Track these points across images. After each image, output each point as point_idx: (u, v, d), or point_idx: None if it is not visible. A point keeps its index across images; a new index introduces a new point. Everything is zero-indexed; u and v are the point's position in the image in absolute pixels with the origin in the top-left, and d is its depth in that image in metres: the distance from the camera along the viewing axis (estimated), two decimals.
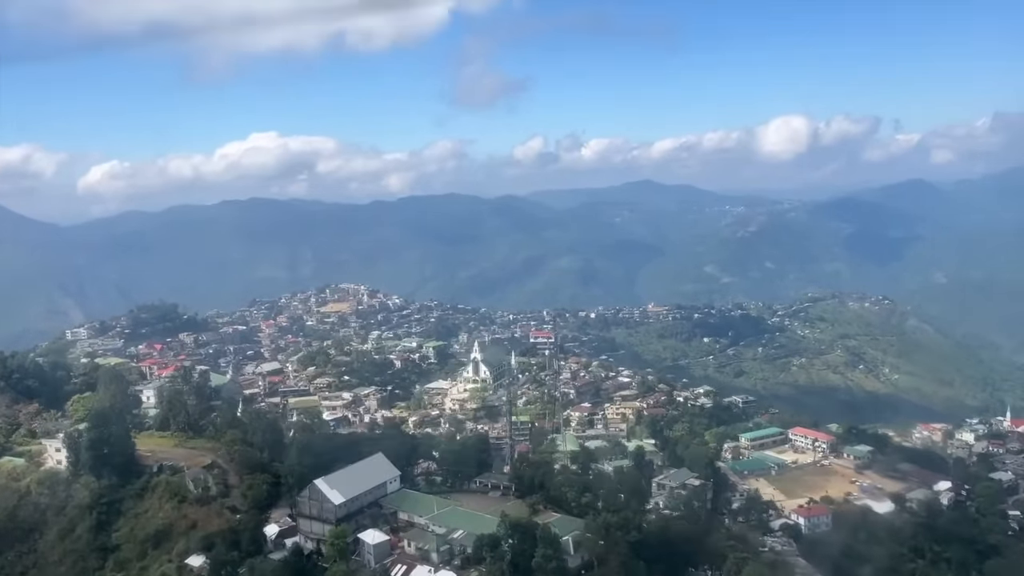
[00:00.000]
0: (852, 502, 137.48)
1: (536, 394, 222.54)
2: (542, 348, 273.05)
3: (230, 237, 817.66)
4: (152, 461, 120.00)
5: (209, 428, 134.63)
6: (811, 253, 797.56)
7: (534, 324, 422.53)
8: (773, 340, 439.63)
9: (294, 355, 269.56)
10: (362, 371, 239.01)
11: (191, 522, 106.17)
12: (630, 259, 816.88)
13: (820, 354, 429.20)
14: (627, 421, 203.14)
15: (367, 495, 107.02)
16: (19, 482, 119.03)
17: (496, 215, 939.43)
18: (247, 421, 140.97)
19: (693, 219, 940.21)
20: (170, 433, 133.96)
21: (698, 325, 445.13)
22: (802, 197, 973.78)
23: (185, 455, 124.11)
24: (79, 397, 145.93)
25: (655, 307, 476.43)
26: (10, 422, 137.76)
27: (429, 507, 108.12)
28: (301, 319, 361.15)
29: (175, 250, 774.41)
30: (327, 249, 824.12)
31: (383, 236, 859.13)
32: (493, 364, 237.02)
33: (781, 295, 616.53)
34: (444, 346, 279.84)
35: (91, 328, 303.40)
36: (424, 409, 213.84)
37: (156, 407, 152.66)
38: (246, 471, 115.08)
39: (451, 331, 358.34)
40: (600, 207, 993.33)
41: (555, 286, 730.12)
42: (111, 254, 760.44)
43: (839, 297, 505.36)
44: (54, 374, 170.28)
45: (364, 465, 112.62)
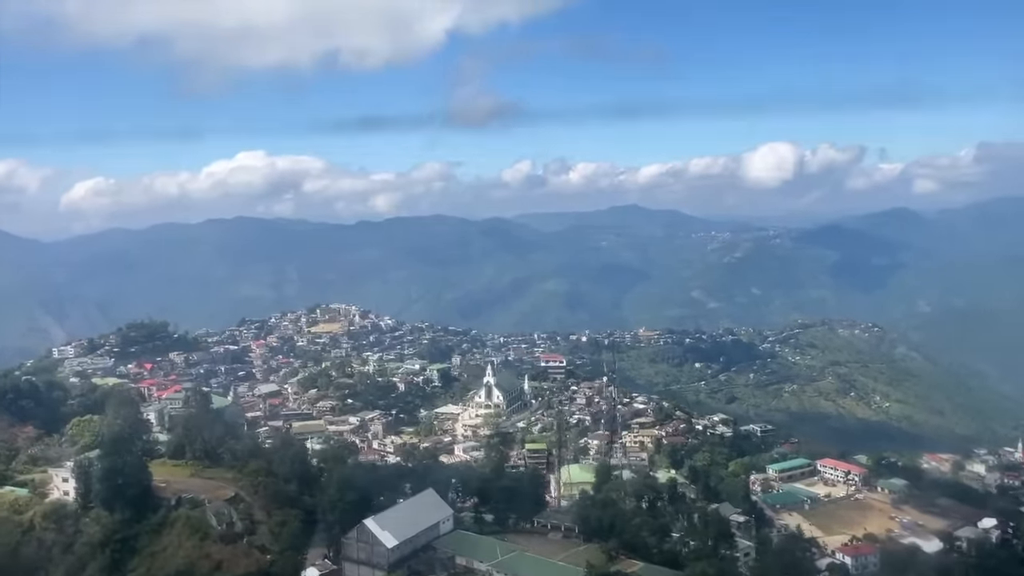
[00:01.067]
0: (897, 540, 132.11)
1: (550, 420, 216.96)
2: (554, 372, 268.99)
3: (214, 256, 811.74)
4: (168, 493, 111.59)
5: (227, 456, 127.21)
6: (796, 280, 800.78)
7: (525, 347, 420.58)
8: (764, 366, 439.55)
9: (291, 377, 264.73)
10: (365, 394, 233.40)
11: (215, 562, 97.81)
12: (616, 283, 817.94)
13: (811, 381, 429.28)
14: (646, 450, 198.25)
15: (420, 537, 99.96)
16: (22, 515, 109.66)
17: (483, 237, 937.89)
18: (271, 450, 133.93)
19: (679, 244, 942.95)
20: (184, 461, 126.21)
21: (689, 350, 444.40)
22: (787, 224, 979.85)
23: (203, 486, 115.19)
24: (79, 420, 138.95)
25: (646, 331, 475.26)
26: (8, 447, 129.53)
27: (490, 552, 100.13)
28: (292, 339, 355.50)
29: (158, 268, 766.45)
30: (312, 269, 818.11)
31: (369, 256, 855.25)
32: (506, 388, 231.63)
33: (767, 321, 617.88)
34: (447, 369, 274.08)
35: (79, 346, 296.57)
36: (435, 435, 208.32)
37: (159, 431, 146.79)
38: (274, 506, 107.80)
39: (444, 353, 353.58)
40: (586, 231, 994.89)
41: (541, 309, 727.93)
42: (93, 271, 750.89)
43: (829, 324, 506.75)
44: (50, 394, 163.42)
45: (415, 503, 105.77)
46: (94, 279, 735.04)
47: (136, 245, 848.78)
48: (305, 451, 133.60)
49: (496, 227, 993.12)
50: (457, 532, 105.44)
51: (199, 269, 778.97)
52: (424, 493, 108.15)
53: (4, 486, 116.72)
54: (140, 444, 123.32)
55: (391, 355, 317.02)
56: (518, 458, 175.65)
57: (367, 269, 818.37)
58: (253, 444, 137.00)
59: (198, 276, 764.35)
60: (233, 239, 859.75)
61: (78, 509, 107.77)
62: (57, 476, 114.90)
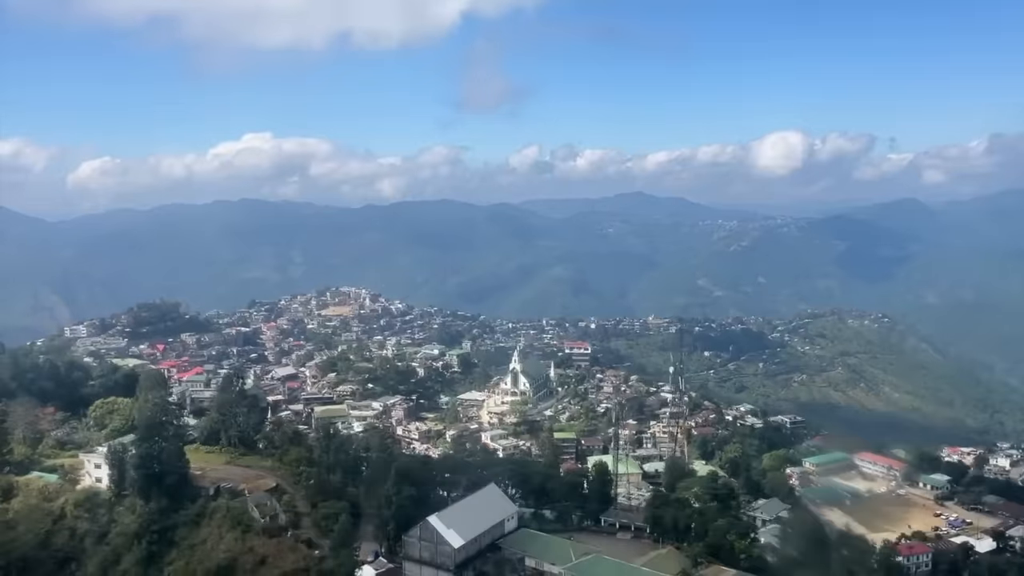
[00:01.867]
0: (947, 539, 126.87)
1: (578, 409, 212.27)
2: (578, 359, 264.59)
3: (220, 237, 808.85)
4: (205, 481, 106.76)
5: (264, 444, 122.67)
6: (803, 269, 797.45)
7: (534, 332, 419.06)
8: (774, 356, 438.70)
9: (307, 360, 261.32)
10: (386, 379, 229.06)
11: (259, 557, 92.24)
12: (622, 270, 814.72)
13: (821, 371, 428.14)
14: (675, 440, 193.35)
15: (485, 536, 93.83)
16: (52, 503, 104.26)
17: (489, 222, 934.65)
18: (313, 438, 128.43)
19: (686, 232, 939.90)
20: (219, 448, 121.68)
21: (698, 338, 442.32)
22: (794, 213, 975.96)
23: (242, 475, 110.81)
24: (102, 402, 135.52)
25: (655, 319, 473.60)
26: (33, 430, 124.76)
27: (563, 553, 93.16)
28: (302, 322, 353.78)
29: (164, 249, 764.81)
30: (317, 252, 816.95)
31: (374, 240, 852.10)
32: (532, 375, 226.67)
33: (773, 310, 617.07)
34: (467, 354, 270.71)
35: (91, 326, 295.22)
36: (460, 422, 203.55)
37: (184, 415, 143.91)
38: (318, 497, 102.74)
39: (455, 338, 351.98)
40: (593, 217, 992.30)
41: (547, 295, 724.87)
42: (99, 251, 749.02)
43: (838, 314, 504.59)
44: (69, 375, 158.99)
45: (478, 499, 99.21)
46: (100, 259, 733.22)
47: (142, 225, 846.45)
48: (349, 440, 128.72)
49: (503, 213, 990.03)
50: (523, 531, 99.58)
51: (205, 250, 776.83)
52: (487, 488, 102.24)
53: (32, 471, 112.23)
54: (172, 429, 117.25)
55: (407, 340, 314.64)
56: (541, 446, 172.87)
57: (372, 253, 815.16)
58: (292, 431, 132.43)
59: (204, 257, 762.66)
60: (239, 221, 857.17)
61: (112, 497, 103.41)
62: (89, 462, 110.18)
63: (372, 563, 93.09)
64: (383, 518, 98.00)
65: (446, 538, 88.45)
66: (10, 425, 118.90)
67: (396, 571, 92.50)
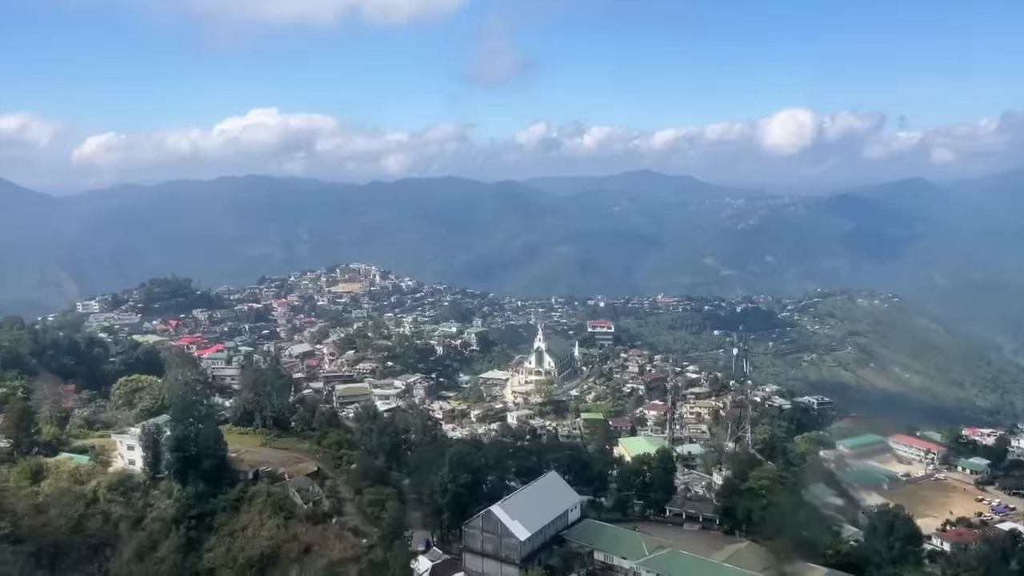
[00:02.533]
0: (993, 525, 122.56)
1: (603, 389, 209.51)
2: (601, 339, 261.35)
3: (226, 213, 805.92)
4: (244, 465, 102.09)
5: (300, 425, 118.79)
6: (811, 249, 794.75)
7: (543, 311, 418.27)
8: (783, 335, 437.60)
9: (322, 337, 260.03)
10: (405, 357, 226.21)
11: (303, 545, 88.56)
12: (629, 249, 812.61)
13: (831, 350, 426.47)
14: (703, 421, 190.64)
15: (550, 527, 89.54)
16: (84, 485, 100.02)
17: (495, 200, 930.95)
18: (353, 419, 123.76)
19: (693, 210, 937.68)
20: (252, 429, 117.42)
21: (708, 317, 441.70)
22: (801, 192, 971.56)
23: (279, 458, 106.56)
24: (126, 380, 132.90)
25: (664, 297, 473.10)
26: (59, 409, 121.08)
27: (634, 547, 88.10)
28: (312, 298, 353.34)
29: (170, 225, 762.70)
30: (323, 229, 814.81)
31: (380, 217, 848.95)
32: (556, 354, 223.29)
33: (781, 289, 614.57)
34: (485, 332, 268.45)
35: (103, 301, 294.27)
36: (484, 401, 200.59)
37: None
38: (363, 482, 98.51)
39: (465, 315, 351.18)
40: (599, 195, 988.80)
41: (553, 273, 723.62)
42: (105, 227, 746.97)
43: (848, 293, 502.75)
44: (90, 352, 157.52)
45: (540, 488, 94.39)
46: (106, 234, 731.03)
47: (148, 201, 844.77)
48: (393, 422, 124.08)
49: (509, 190, 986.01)
50: (587, 522, 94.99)
51: (210, 227, 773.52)
52: (548, 476, 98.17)
53: (61, 453, 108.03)
54: (205, 410, 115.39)
55: (424, 317, 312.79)
56: (573, 428, 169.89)
57: (378, 230, 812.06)
58: (329, 413, 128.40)
59: (209, 234, 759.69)
60: (244, 197, 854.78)
61: (146, 481, 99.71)
62: (121, 443, 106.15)
63: (426, 553, 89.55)
64: (436, 506, 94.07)
65: (511, 530, 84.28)
66: (34, 403, 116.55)
67: (453, 563, 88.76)
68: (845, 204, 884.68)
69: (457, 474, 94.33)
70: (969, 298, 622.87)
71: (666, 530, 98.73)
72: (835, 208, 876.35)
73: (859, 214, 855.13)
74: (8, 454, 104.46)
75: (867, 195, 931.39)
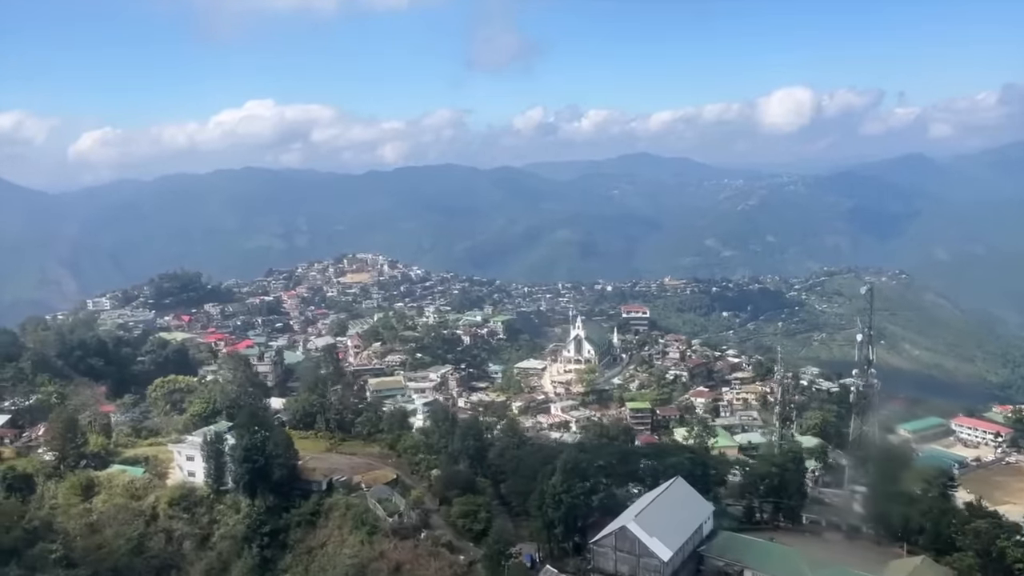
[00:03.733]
0: None
1: (646, 376, 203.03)
2: (636, 324, 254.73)
3: (224, 206, 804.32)
4: (316, 474, 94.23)
5: (367, 427, 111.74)
6: (811, 227, 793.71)
7: (550, 296, 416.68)
8: (792, 314, 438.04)
9: (343, 329, 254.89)
10: (433, 347, 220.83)
11: (392, 563, 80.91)
12: (628, 232, 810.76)
13: (840, 329, 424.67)
14: (750, 407, 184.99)
15: (688, 543, 79.27)
16: (141, 501, 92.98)
17: (493, 186, 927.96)
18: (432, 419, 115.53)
19: (691, 192, 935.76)
20: (314, 433, 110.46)
21: (716, 299, 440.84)
22: (799, 171, 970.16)
23: (350, 464, 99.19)
24: (162, 381, 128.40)
25: (671, 280, 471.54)
26: (99, 415, 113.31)
27: (791, 565, 75.80)
28: (321, 289, 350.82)
29: (169, 219, 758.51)
30: (322, 219, 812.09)
31: (378, 206, 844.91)
32: (595, 342, 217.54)
33: (783, 269, 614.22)
34: (511, 321, 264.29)
35: (113, 298, 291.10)
36: (523, 392, 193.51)
37: None
38: (451, 491, 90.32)
39: (475, 303, 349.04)
40: (597, 179, 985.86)
41: (554, 258, 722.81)
42: (104, 223, 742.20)
43: (855, 272, 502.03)
44: (118, 352, 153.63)
45: (670, 497, 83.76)
46: (105, 230, 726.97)
47: (146, 196, 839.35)
48: (476, 423, 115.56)
49: (506, 176, 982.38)
50: (724, 535, 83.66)
51: (209, 220, 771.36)
52: (675, 484, 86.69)
53: (111, 465, 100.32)
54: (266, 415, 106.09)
55: (440, 305, 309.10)
56: (618, 418, 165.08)
57: (377, 219, 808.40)
58: (400, 414, 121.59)
59: (208, 226, 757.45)
60: (242, 189, 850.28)
61: (210, 494, 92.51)
62: (179, 453, 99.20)
63: (534, 571, 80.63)
64: (546, 519, 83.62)
65: (651, 549, 74.30)
66: (73, 409, 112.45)
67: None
68: (844, 181, 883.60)
69: (572, 482, 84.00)
70: (972, 272, 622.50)
71: (807, 540, 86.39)
72: (834, 186, 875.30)
73: (859, 191, 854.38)
74: (54, 468, 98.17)
75: (866, 172, 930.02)
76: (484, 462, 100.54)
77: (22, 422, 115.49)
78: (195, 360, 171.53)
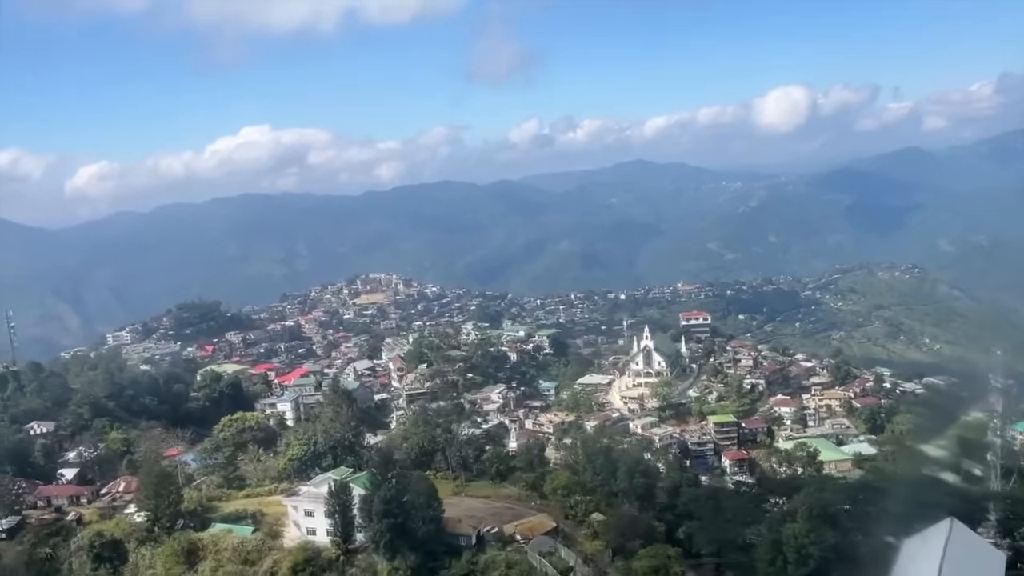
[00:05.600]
0: None
1: (722, 387, 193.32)
2: (696, 331, 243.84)
3: (223, 234, 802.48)
4: (462, 526, 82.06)
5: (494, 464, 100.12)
6: (813, 226, 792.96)
7: (563, 307, 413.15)
8: (809, 314, 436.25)
9: (377, 352, 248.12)
10: (483, 366, 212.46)
11: None
12: (629, 240, 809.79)
13: (858, 326, 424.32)
14: (834, 414, 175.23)
15: None
16: (256, 566, 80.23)
17: (491, 201, 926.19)
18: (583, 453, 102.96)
19: (690, 197, 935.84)
20: (433, 473, 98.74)
21: (731, 302, 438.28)
22: (796, 170, 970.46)
23: (490, 511, 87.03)
24: (229, 419, 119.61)
25: (684, 285, 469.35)
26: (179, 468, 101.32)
27: None
28: (338, 312, 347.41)
29: (169, 250, 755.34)
30: (322, 242, 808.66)
31: (378, 226, 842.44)
32: (665, 352, 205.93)
33: (787, 269, 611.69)
34: (557, 334, 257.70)
35: (133, 331, 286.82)
36: (594, 410, 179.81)
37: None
38: (631, 541, 77.64)
39: (494, 318, 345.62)
40: (594, 189, 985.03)
41: (556, 270, 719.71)
42: (104, 257, 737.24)
43: (867, 267, 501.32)
44: (170, 389, 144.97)
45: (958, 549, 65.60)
46: (105, 264, 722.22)
47: (144, 228, 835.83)
48: (643, 459, 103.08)
49: (504, 190, 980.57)
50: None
51: (209, 248, 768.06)
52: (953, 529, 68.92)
53: (212, 524, 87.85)
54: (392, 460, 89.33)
55: (484, 323, 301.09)
56: (702, 433, 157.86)
57: (377, 240, 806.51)
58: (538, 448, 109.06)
59: (209, 255, 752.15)
60: (240, 216, 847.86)
61: (339, 556, 79.14)
62: (295, 508, 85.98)
63: None
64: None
65: None
66: (143, 456, 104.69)
67: None
68: (842, 178, 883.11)
69: (818, 530, 72.10)
70: (979, 263, 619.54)
71: None
72: (833, 183, 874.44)
73: (857, 187, 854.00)
74: (147, 531, 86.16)
75: (863, 168, 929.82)
76: (654, 502, 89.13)
77: (91, 476, 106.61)
78: (250, 393, 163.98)
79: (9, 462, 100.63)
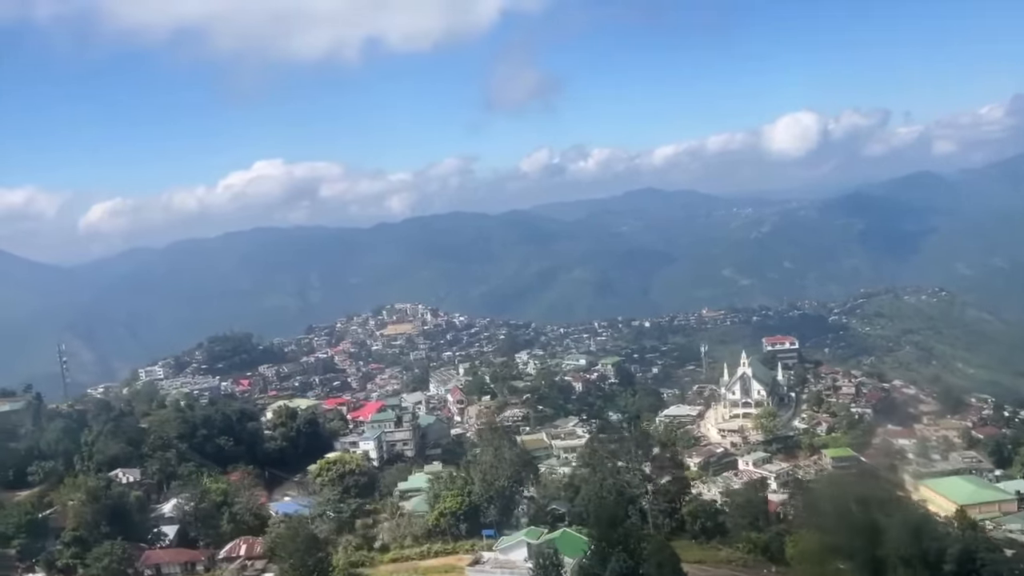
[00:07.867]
0: None
1: (827, 417, 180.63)
2: (784, 357, 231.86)
3: (236, 268, 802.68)
4: None
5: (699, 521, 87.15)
6: (827, 250, 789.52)
7: (587, 336, 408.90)
8: (838, 339, 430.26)
9: (425, 384, 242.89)
10: (552, 397, 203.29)
11: None
12: (642, 267, 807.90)
13: (889, 351, 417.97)
14: (953, 447, 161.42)
15: None
16: None
17: (503, 230, 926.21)
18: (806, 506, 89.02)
19: (701, 223, 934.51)
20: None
21: (758, 328, 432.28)
22: (806, 195, 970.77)
23: None
24: (326, 461, 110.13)
25: (710, 311, 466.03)
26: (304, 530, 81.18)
27: None
28: (366, 343, 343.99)
29: (182, 284, 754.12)
30: (335, 274, 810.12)
31: (390, 258, 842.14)
32: (763, 381, 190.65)
33: (805, 294, 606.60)
34: (621, 362, 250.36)
35: (166, 366, 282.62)
36: (687, 445, 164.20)
37: None
38: None
39: (523, 347, 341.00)
40: (605, 217, 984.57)
41: (570, 298, 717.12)
42: (118, 293, 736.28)
43: (893, 291, 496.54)
44: (243, 427, 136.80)
45: None
46: (120, 301, 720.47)
47: (158, 263, 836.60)
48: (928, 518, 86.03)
49: (515, 220, 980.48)
50: None
51: (222, 282, 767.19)
52: None
53: None
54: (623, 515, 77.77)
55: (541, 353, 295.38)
56: (819, 469, 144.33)
57: (390, 271, 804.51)
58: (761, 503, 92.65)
59: (222, 289, 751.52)
60: (253, 250, 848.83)
61: None
62: (480, 572, 75.40)
63: None
64: None
65: None
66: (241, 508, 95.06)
67: None
68: (854, 203, 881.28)
69: None
70: (1000, 285, 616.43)
71: None
72: (845, 208, 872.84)
73: (870, 212, 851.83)
74: None
75: (874, 192, 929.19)
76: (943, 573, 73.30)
77: (193, 533, 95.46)
78: (327, 430, 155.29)
79: (108, 521, 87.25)
